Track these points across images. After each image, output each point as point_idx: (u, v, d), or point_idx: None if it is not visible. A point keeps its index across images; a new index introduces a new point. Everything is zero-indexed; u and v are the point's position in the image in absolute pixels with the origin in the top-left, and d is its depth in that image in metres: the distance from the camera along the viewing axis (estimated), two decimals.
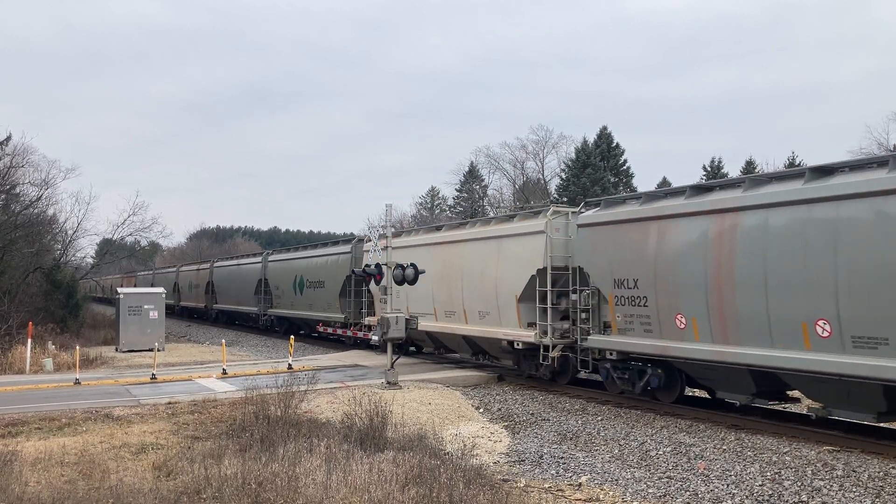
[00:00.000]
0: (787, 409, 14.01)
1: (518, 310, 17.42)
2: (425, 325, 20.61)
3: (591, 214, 15.91)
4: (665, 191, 15.07)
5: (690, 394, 15.68)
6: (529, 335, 16.97)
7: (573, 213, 16.94)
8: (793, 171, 12.67)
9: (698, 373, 13.77)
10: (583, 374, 17.53)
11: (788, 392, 13.17)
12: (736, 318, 12.32)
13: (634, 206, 14.85)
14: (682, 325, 13.34)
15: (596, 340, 15.51)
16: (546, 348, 16.71)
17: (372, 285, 23.11)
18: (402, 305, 21.67)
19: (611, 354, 15.19)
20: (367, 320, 24.96)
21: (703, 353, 12.95)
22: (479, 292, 18.85)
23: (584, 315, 15.96)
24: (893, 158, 10.48)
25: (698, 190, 13.79)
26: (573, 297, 16.26)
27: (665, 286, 13.65)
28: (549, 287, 16.48)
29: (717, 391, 14.10)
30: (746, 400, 13.10)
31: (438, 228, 22.78)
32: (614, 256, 14.87)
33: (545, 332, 16.68)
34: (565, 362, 17.01)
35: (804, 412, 12.80)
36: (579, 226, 16.04)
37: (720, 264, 12.59)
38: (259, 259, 37.37)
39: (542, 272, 16.66)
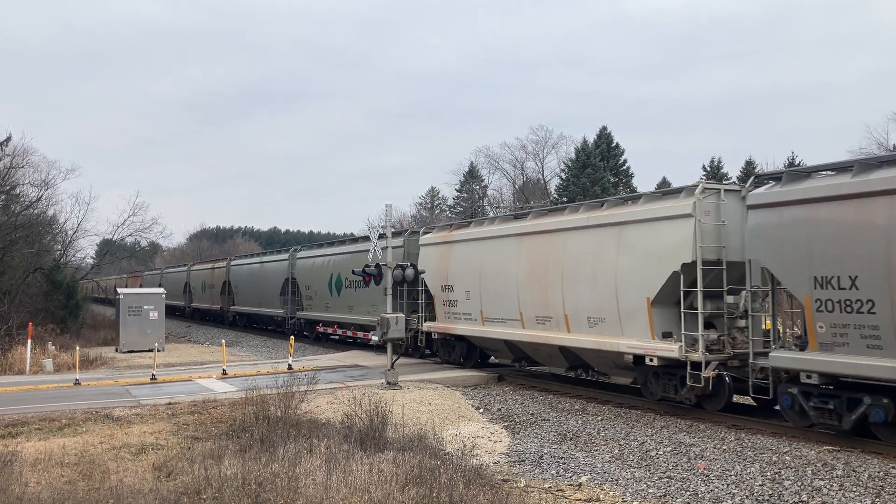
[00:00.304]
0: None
1: (651, 316, 14.02)
2: (507, 332, 18.07)
3: (769, 192, 12.30)
4: (883, 157, 11.46)
5: None
6: (670, 348, 13.56)
7: (727, 190, 13.72)
8: None
9: None
10: (742, 399, 14.41)
11: None
12: None
13: (843, 179, 11.18)
14: None
15: (785, 358, 11.91)
16: (695, 366, 13.24)
17: (432, 285, 20.90)
18: (473, 309, 19.45)
19: (808, 377, 11.54)
20: (427, 326, 21.53)
21: None
22: (589, 294, 15.44)
23: (743, 322, 13.07)
24: None
25: None
26: (729, 299, 13.33)
27: None
28: (700, 287, 13.17)
29: None
30: None
31: (524, 216, 19.00)
32: (814, 246, 11.31)
33: (693, 345, 13.33)
34: (718, 383, 13.47)
35: None
36: (751, 207, 12.49)
37: None
38: (285, 256, 34.26)
39: (687, 268, 13.36)
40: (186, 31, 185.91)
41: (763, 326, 12.96)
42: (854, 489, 9.10)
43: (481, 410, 15.21)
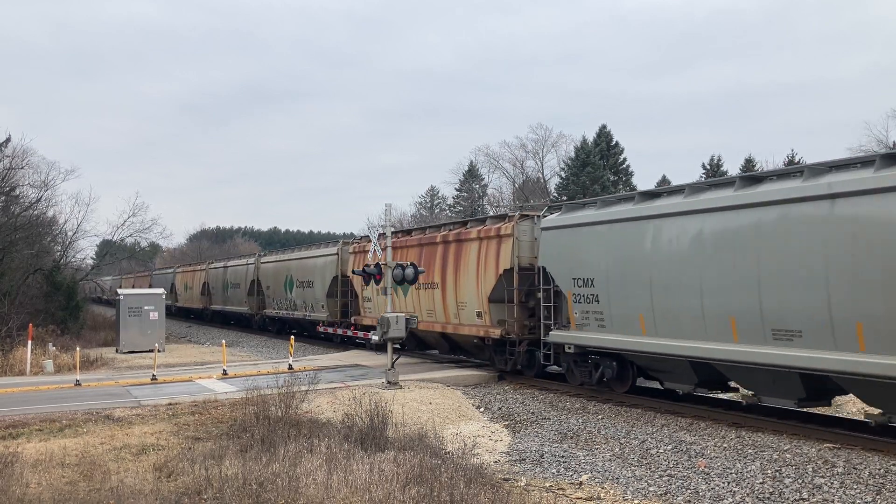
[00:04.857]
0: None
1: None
2: None
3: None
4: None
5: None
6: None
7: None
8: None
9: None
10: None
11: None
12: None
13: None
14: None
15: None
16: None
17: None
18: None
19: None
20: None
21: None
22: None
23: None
24: None
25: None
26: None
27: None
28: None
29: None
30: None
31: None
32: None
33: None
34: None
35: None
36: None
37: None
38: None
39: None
40: (184, 32, 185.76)
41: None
42: (855, 486, 9.10)
43: (482, 409, 15.21)
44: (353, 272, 21.40)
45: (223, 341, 24.88)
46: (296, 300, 31.91)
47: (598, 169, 59.06)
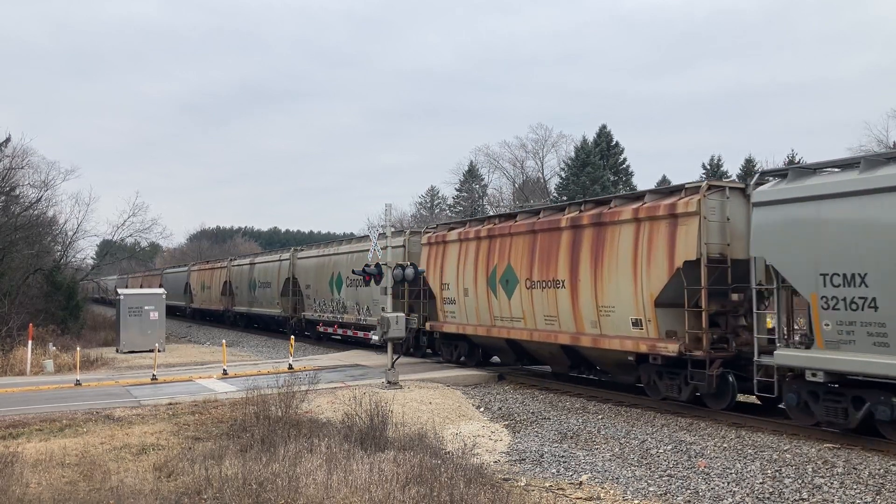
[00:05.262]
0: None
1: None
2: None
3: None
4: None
5: None
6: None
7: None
8: None
9: None
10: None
11: None
12: None
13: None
14: None
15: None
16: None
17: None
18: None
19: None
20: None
21: None
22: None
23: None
24: None
25: None
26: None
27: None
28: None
29: None
30: None
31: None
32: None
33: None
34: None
35: None
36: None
37: None
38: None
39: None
40: (183, 32, 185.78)
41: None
42: (855, 486, 9.10)
43: (482, 409, 15.21)
44: (353, 272, 21.20)
45: (223, 341, 24.88)
46: (346, 301, 27.40)
47: (598, 169, 59.09)
